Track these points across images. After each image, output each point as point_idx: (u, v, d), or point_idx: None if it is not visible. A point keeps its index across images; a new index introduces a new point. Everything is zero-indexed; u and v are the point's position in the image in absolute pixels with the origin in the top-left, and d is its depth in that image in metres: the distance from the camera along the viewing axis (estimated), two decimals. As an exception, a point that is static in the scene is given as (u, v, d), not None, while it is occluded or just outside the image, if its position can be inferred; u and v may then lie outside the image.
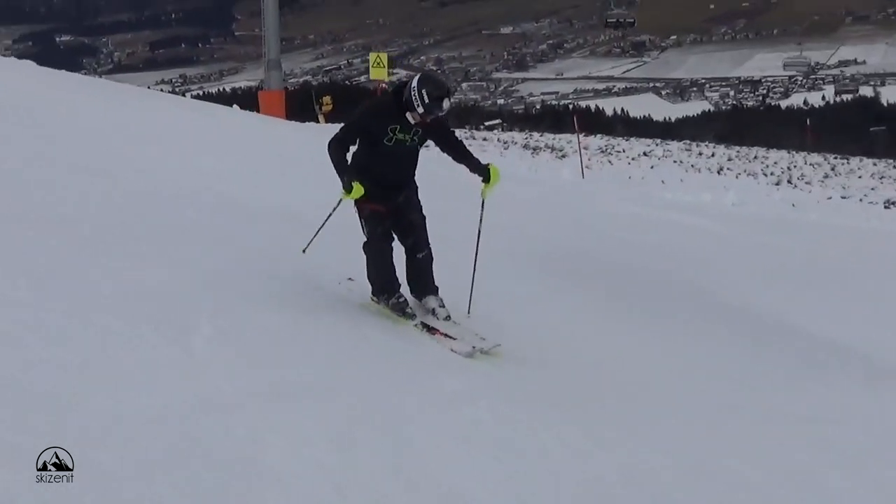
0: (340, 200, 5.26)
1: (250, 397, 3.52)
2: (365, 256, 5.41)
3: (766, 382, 5.64)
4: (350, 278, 5.73)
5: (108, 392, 3.26)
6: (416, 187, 5.50)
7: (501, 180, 5.51)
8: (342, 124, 5.38)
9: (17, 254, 4.65)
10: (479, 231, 5.71)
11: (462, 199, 6.57)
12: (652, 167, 25.56)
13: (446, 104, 5.02)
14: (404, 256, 5.49)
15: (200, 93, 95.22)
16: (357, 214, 5.34)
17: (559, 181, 18.20)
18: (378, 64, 24.16)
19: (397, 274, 5.49)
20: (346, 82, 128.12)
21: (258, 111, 23.70)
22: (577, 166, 20.74)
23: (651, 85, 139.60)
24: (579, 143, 23.90)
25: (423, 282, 5.51)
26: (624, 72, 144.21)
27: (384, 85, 24.31)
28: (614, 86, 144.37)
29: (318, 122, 29.11)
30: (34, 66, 15.38)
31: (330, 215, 5.47)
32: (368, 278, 5.48)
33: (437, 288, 5.52)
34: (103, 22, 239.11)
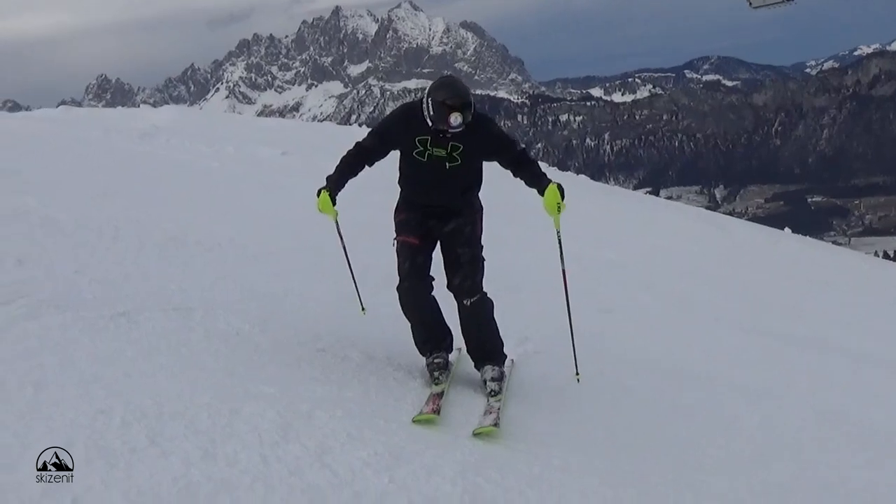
0: (336, 223, 4.51)
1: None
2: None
3: None
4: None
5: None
6: (473, 218, 4.44)
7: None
8: None
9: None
10: (563, 270, 4.45)
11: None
12: None
13: (455, 119, 3.97)
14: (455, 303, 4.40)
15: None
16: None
17: None
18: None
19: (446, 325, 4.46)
20: None
21: None
22: None
23: None
24: None
25: (475, 339, 4.42)
26: None
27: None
28: None
29: None
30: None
31: (343, 245, 4.71)
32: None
33: (499, 352, 4.46)
34: (857, 184, 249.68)
